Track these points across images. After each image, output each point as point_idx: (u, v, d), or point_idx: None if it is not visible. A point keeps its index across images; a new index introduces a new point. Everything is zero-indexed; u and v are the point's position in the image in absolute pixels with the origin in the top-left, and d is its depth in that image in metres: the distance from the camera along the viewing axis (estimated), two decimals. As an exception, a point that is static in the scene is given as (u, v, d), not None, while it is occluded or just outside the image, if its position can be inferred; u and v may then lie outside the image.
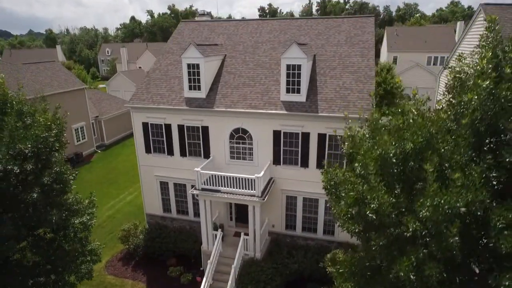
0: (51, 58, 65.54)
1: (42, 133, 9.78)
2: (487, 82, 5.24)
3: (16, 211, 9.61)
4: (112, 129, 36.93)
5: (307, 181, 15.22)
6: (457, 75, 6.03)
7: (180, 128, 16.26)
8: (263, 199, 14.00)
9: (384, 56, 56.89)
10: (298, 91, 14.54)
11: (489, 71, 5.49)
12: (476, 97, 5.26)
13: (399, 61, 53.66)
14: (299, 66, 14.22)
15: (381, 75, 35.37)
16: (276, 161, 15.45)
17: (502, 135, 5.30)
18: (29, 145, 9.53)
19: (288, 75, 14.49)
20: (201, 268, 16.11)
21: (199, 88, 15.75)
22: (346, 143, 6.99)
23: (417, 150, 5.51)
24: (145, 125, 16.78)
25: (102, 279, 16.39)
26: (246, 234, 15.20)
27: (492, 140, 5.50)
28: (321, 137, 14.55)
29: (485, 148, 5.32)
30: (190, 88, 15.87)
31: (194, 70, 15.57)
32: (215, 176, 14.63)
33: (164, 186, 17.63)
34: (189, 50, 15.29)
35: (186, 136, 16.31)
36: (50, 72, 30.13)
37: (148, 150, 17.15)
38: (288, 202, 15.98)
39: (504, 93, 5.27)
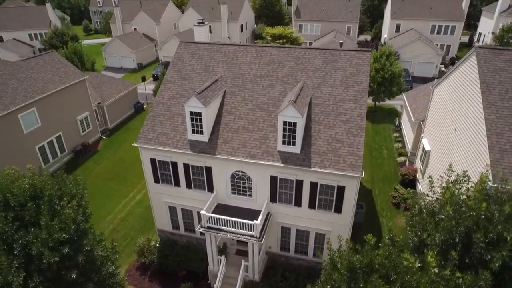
0: (43, 19, 63.08)
1: (72, 223, 11.48)
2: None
3: (59, 288, 11.75)
4: (114, 112, 37.89)
5: (300, 217, 17.29)
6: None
7: (185, 165, 17.78)
8: (261, 240, 16.19)
9: (387, 23, 55.05)
10: (294, 144, 15.82)
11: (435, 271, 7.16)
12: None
13: (402, 29, 52.26)
14: (294, 123, 15.32)
15: (380, 62, 35.37)
16: (272, 199, 17.29)
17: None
18: (63, 234, 11.33)
19: (284, 130, 15.63)
20: (208, 282, 18.94)
21: (202, 133, 16.93)
22: None
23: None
24: (152, 160, 18.25)
25: (124, 289, 19.29)
26: (246, 256, 17.69)
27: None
28: (313, 184, 16.21)
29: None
30: (193, 131, 17.04)
31: (196, 117, 16.60)
32: (219, 218, 16.58)
33: (172, 210, 19.69)
34: (191, 100, 16.17)
35: (191, 172, 17.89)
36: (49, 65, 30.27)
37: (156, 181, 18.85)
38: (283, 231, 18.21)
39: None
